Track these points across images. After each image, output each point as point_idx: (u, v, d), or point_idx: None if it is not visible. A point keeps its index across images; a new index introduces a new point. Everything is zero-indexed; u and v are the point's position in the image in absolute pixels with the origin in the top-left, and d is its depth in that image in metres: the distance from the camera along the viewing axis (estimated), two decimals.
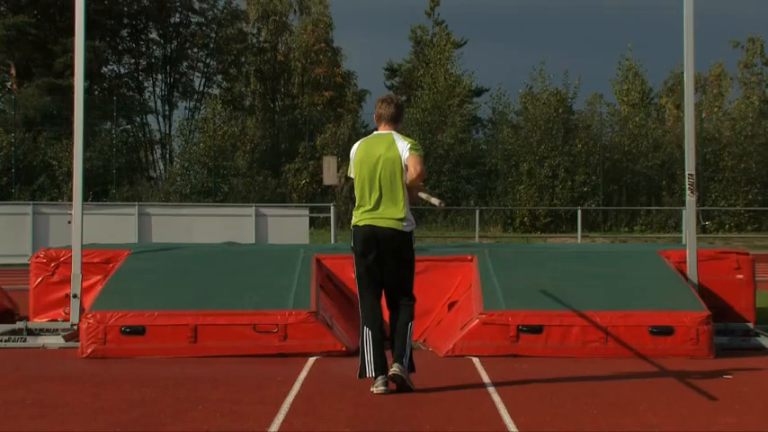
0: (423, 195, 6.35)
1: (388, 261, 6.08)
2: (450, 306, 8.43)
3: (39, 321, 8.73)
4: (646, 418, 5.50)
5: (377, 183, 6.06)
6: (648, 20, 65.44)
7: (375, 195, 6.07)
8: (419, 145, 6.23)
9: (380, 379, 5.97)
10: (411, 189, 6.14)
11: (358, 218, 6.17)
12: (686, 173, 8.50)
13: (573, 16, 72.45)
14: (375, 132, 6.27)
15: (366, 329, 6.09)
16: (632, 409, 5.71)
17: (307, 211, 22.94)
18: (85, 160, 8.87)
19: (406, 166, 6.06)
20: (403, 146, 6.09)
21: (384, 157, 6.06)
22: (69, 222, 9.04)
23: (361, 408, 5.71)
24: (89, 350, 7.40)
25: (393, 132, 6.17)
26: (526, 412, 5.56)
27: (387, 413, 5.57)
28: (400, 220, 6.06)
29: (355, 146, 6.27)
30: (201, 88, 43.44)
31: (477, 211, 28.66)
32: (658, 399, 6.02)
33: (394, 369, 5.97)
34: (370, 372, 6.03)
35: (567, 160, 33.47)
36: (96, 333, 7.40)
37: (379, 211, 6.06)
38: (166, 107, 42.51)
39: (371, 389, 6.02)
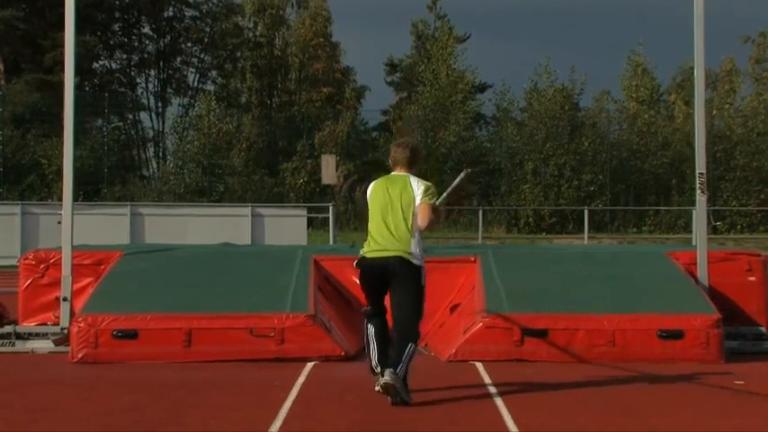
0: (443, 197, 6.33)
1: (396, 291, 6.12)
2: (453, 309, 8.44)
3: (28, 325, 8.71)
4: (651, 421, 5.53)
5: (389, 224, 6.14)
6: (656, 14, 65.47)
7: (385, 234, 6.13)
8: (433, 188, 6.28)
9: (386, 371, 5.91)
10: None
11: (366, 249, 6.22)
12: (696, 171, 8.52)
13: (579, 10, 72.51)
14: (392, 174, 6.40)
15: (369, 327, 6.25)
16: (637, 413, 5.74)
17: (304, 211, 22.92)
18: (76, 159, 8.87)
19: (414, 187, 6.19)
20: (418, 190, 6.18)
21: (398, 199, 6.17)
22: (59, 223, 9.03)
23: (361, 412, 5.73)
24: (80, 355, 7.41)
25: (409, 175, 6.30)
26: (529, 416, 5.58)
27: (387, 417, 5.59)
28: (409, 253, 6.09)
29: (371, 185, 6.41)
30: (196, 84, 43.48)
31: (481, 211, 28.67)
32: (665, 403, 6.05)
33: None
34: (374, 364, 6.11)
35: (573, 159, 33.46)
36: (87, 337, 7.40)
37: (387, 245, 6.11)
38: (159, 104, 42.55)
39: (377, 383, 6.02)
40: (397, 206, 6.17)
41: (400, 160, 6.37)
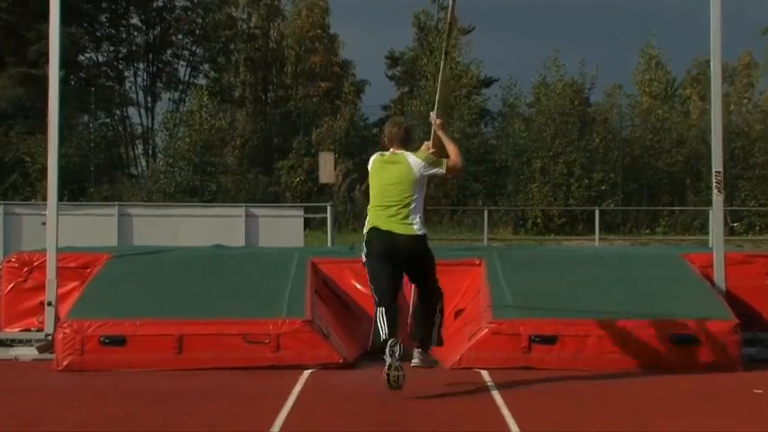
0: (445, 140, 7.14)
1: (412, 267, 6.91)
2: (457, 314, 8.45)
3: (10, 331, 8.72)
4: (661, 429, 5.55)
5: (392, 204, 6.80)
6: (670, 4, 65.41)
7: (389, 214, 6.79)
8: (430, 156, 7.00)
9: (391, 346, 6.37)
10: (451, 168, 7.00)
11: (372, 221, 6.85)
12: (713, 170, 8.52)
13: (589, 1, 72.45)
14: (390, 152, 7.04)
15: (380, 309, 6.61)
16: (648, 421, 5.77)
17: (301, 212, 22.93)
18: (61, 156, 8.87)
19: (422, 176, 6.88)
20: (415, 161, 6.88)
21: (398, 178, 6.85)
22: (43, 224, 9.02)
23: (361, 421, 5.74)
24: (65, 362, 7.41)
25: (404, 152, 6.97)
26: (536, 427, 5.59)
27: (388, 427, 5.60)
28: (412, 225, 6.79)
29: (372, 161, 7.07)
30: (187, 78, 43.45)
31: (486, 212, 28.65)
32: (678, 411, 6.07)
33: (415, 361, 6.87)
34: (383, 334, 6.44)
35: (584, 156, 33.45)
36: (73, 344, 7.41)
37: (393, 225, 6.77)
38: (149, 99, 42.51)
39: (385, 361, 6.33)
40: (396, 183, 6.83)
41: (395, 139, 7.03)
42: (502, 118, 38.41)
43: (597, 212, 27.03)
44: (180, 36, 43.65)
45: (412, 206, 6.81)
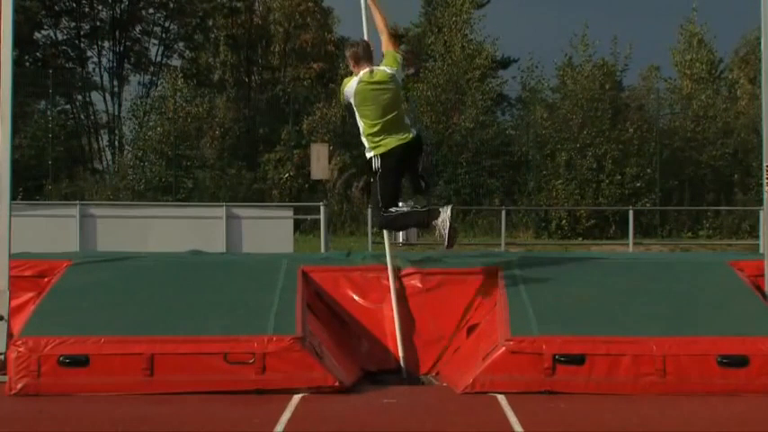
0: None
1: (414, 161, 8.53)
2: (470, 330, 8.46)
3: None
4: None
5: (393, 119, 8.31)
6: None
7: (394, 128, 8.32)
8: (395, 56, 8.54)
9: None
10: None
11: (382, 143, 8.31)
12: (764, 164, 8.52)
13: None
14: (363, 72, 8.36)
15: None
16: None
17: (290, 212, 22.96)
18: (14, 149, 8.88)
19: (392, 78, 8.35)
20: (392, 71, 8.37)
21: (390, 92, 8.34)
22: None
23: None
24: (19, 386, 7.40)
25: (378, 68, 8.40)
26: None
27: None
28: (410, 131, 8.42)
29: (353, 84, 8.38)
30: (159, 59, 43.57)
31: (504, 212, 28.67)
32: None
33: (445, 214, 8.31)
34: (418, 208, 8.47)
35: (616, 149, 33.49)
36: (28, 364, 7.40)
37: (401, 135, 8.33)
38: (115, 82, 42.61)
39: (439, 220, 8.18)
40: (392, 102, 8.32)
41: (362, 58, 8.43)
42: (521, 104, 38.50)
43: (631, 213, 27.03)
44: (151, 10, 43.72)
45: (403, 113, 8.47)
